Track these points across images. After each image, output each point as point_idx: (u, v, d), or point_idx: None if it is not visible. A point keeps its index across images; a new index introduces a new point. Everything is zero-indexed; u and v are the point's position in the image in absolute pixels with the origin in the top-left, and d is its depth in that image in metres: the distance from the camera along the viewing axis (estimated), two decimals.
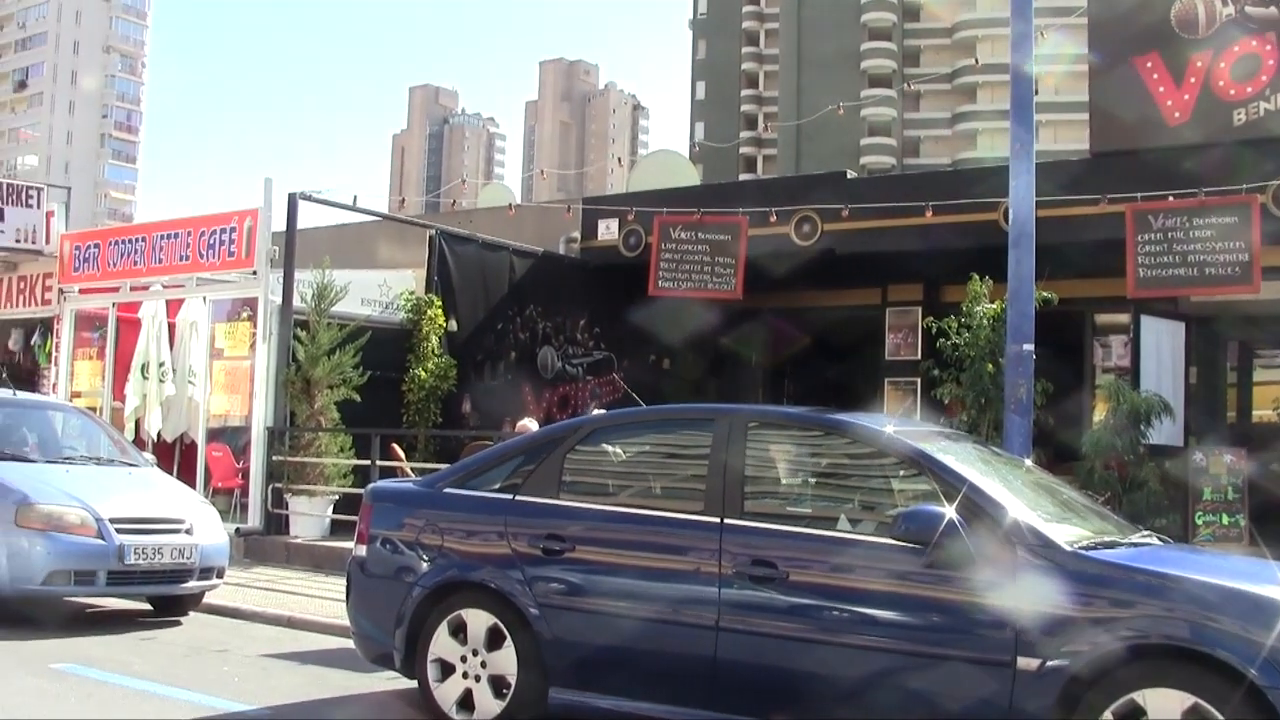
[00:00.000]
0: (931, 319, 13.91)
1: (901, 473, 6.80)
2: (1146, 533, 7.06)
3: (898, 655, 6.13)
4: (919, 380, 18.34)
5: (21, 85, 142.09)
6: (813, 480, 7.33)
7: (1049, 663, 5.74)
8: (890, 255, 17.56)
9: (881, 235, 17.32)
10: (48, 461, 11.95)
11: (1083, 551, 6.07)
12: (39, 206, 20.12)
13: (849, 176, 20.56)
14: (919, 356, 18.61)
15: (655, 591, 6.81)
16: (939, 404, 14.56)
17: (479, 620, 7.21)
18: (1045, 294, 11.94)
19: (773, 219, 17.72)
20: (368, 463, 15.26)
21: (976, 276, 13.57)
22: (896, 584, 6.22)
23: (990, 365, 13.01)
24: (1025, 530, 6.08)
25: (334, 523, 15.78)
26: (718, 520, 6.70)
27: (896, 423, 7.35)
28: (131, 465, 12.56)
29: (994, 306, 13.21)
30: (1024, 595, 5.89)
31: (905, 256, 17.52)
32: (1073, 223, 15.12)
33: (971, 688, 5.95)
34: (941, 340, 13.47)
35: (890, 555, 6.22)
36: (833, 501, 7.06)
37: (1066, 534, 6.23)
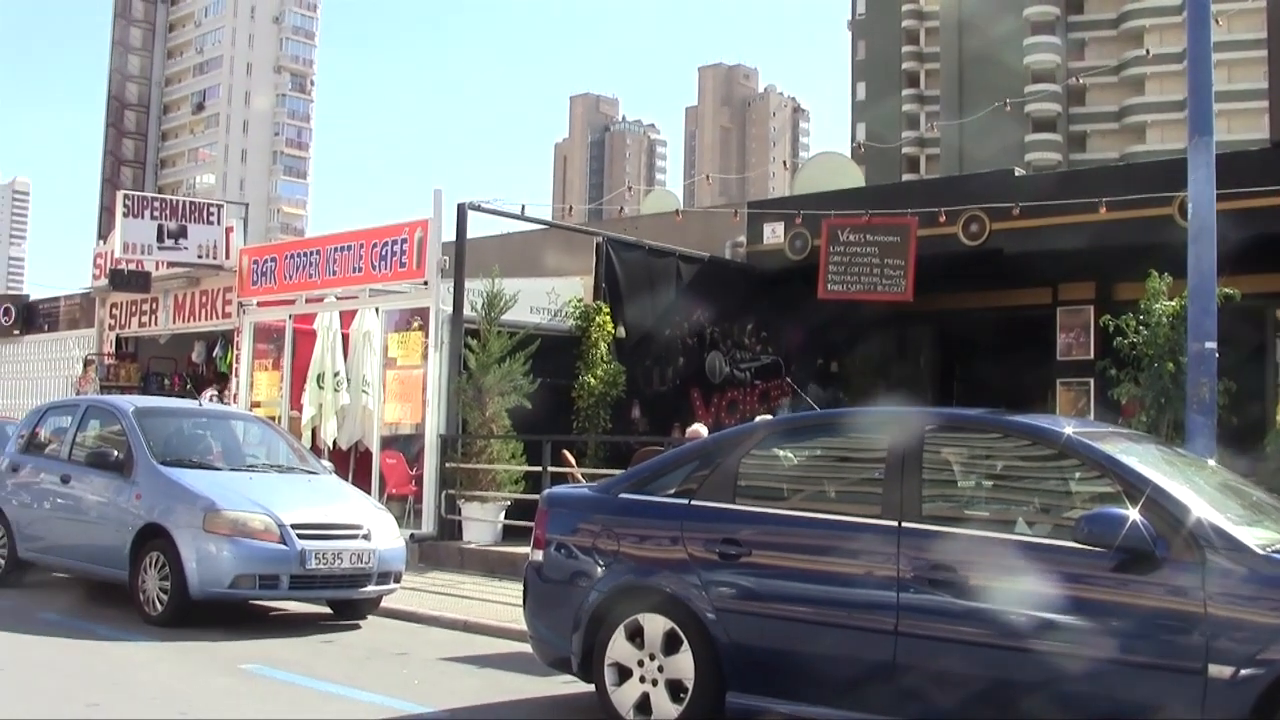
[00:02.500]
0: (1108, 317, 13.59)
1: (1080, 475, 6.66)
2: None
3: (1082, 661, 5.98)
4: (1092, 380, 17.97)
5: (199, 107, 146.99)
6: (990, 483, 7.22)
7: (1242, 671, 5.56)
8: (1061, 253, 17.22)
9: (1051, 233, 17.02)
10: (232, 469, 12.30)
11: (1276, 555, 5.86)
12: (219, 223, 20.77)
13: (1016, 174, 20.22)
14: (1092, 356, 18.23)
15: (833, 596, 6.76)
16: (1115, 404, 14.22)
17: (656, 625, 7.22)
18: (1227, 290, 11.59)
19: (942, 219, 17.50)
20: (539, 469, 15.40)
21: (1155, 273, 13.23)
22: (1079, 588, 6.10)
23: (1170, 364, 12.67)
24: (1212, 532, 5.91)
25: (506, 528, 15.94)
26: (895, 524, 6.63)
27: (1076, 424, 7.20)
28: (311, 473, 12.86)
29: (1173, 304, 12.86)
30: (1213, 600, 5.72)
31: (1076, 254, 17.16)
32: (1253, 215, 14.64)
33: (1160, 695, 5.80)
34: (1119, 339, 13.15)
35: (1072, 559, 6.11)
36: (1011, 504, 6.97)
37: (1257, 536, 6.03)
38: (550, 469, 15.27)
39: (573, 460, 15.92)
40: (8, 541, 13.13)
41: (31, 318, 27.57)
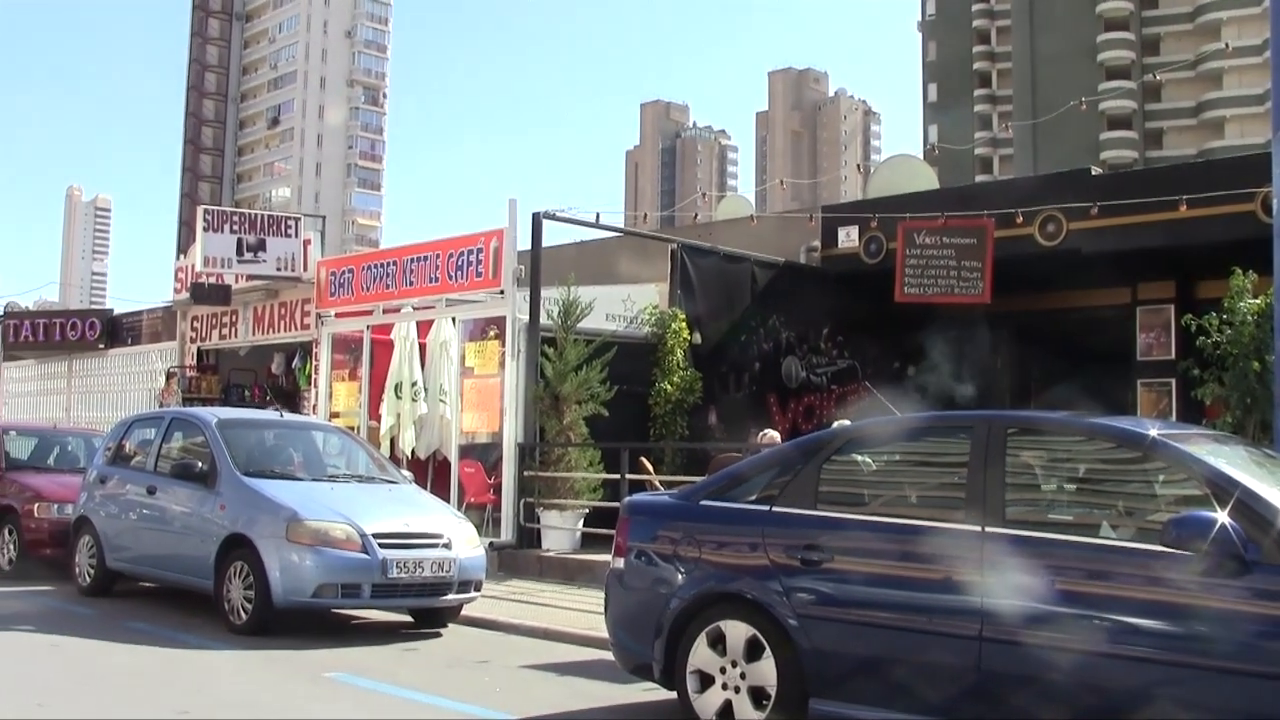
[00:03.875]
0: (1190, 316, 13.40)
1: (1166, 477, 6.56)
2: None
3: (1170, 667, 5.90)
4: (1174, 381, 17.75)
5: (274, 122, 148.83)
6: (1073, 486, 7.14)
7: None
8: (1140, 252, 17.03)
9: (1130, 232, 16.84)
10: (313, 479, 12.41)
11: None
12: (297, 236, 20.97)
13: (1093, 173, 20.02)
14: (1173, 356, 18.02)
15: (915, 601, 6.71)
16: (1198, 405, 14.01)
17: (738, 631, 7.20)
18: None
19: (1019, 220, 17.37)
20: (617, 476, 15.39)
21: (1239, 270, 13.03)
22: (1167, 592, 6.00)
23: (1256, 363, 12.46)
24: None
25: (585, 536, 15.96)
26: (979, 529, 6.57)
27: (1160, 425, 7.09)
28: (391, 482, 12.95)
29: (1259, 301, 12.65)
30: None
31: (1156, 253, 16.97)
32: None
33: (1252, 702, 5.69)
34: (1202, 338, 12.96)
35: (1159, 562, 6.01)
36: (1095, 507, 6.88)
37: None
38: (628, 476, 15.27)
39: (650, 467, 15.92)
40: (96, 551, 13.34)
41: (116, 331, 27.99)
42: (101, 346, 27.73)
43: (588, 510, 16.02)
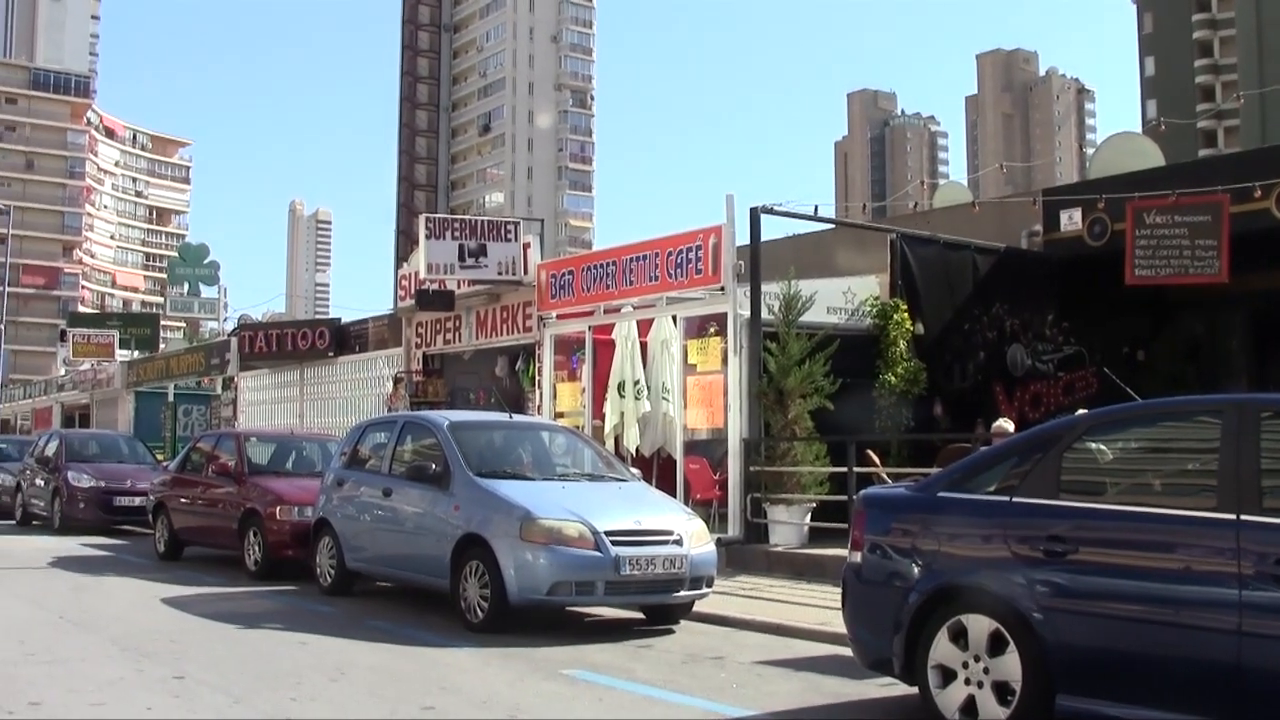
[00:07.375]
0: None
1: None
2: None
3: None
4: None
5: (485, 129, 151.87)
6: None
7: None
8: None
9: None
10: (544, 479, 12.56)
11: None
12: (516, 240, 21.34)
13: None
14: None
15: (1167, 594, 6.47)
16: None
17: (980, 625, 7.07)
18: None
19: (1257, 194, 16.69)
20: (844, 470, 15.28)
21: None
22: None
23: None
24: None
25: (812, 530, 15.88)
26: (1233, 517, 6.31)
27: None
28: (620, 480, 13.04)
29: None
30: None
31: None
32: None
33: None
34: None
35: None
36: None
37: None
38: (855, 469, 15.15)
39: (877, 460, 15.76)
40: (336, 552, 13.79)
41: (344, 340, 28.87)
42: (331, 354, 28.66)
43: (815, 504, 15.93)
